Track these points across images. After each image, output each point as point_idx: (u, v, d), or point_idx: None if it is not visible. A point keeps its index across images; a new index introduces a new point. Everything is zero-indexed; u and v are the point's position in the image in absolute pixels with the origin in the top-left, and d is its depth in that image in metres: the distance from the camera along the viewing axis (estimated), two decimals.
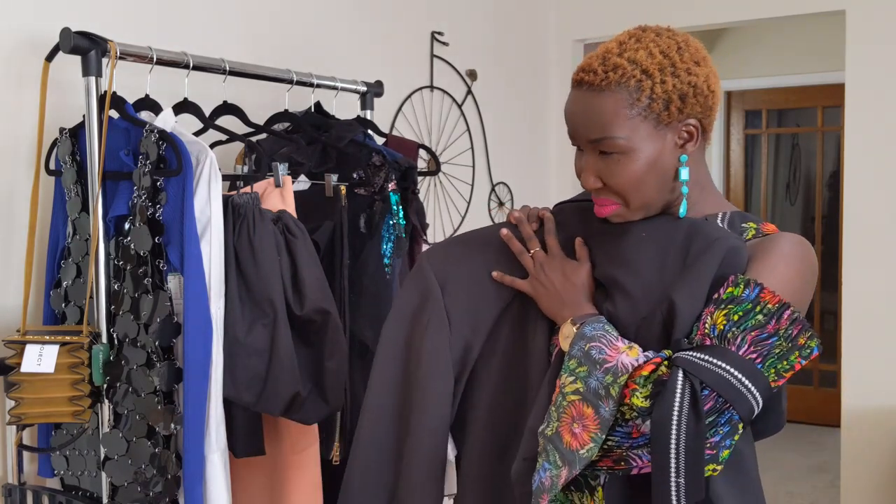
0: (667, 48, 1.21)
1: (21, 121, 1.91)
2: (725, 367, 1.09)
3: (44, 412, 1.70)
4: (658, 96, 1.18)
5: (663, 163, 1.21)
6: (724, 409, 1.08)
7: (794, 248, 1.19)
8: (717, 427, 1.08)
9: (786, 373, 1.11)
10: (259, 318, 1.77)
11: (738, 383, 1.08)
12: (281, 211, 1.87)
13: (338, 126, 2.24)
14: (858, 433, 3.28)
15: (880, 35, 3.19)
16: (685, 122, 1.20)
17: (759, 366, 1.09)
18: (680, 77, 1.19)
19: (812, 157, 5.70)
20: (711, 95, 1.22)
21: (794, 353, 1.11)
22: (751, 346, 1.10)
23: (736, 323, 1.11)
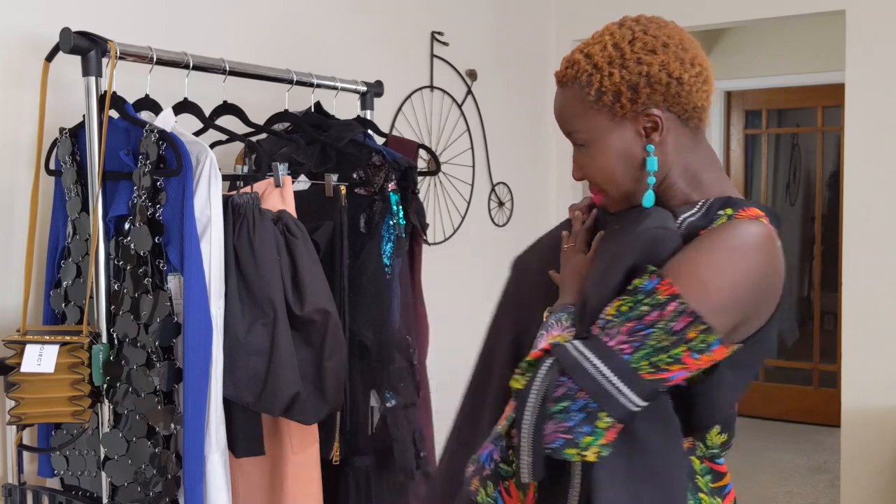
0: (620, 39, 1.21)
1: (21, 121, 1.91)
2: (589, 357, 1.08)
3: (44, 412, 1.70)
4: (607, 89, 1.19)
5: (629, 153, 1.21)
6: (577, 396, 1.07)
7: (730, 239, 1.12)
8: (570, 413, 1.07)
9: (668, 366, 1.08)
10: (259, 317, 1.77)
11: (595, 372, 1.07)
12: (281, 211, 1.87)
13: (337, 126, 2.24)
14: (858, 433, 3.28)
15: (880, 35, 3.19)
16: (646, 113, 1.20)
17: (626, 356, 1.08)
18: (629, 68, 1.19)
19: (812, 157, 5.70)
20: (674, 83, 1.18)
21: (679, 346, 1.08)
22: (623, 336, 1.08)
23: (622, 313, 1.10)
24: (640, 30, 1.21)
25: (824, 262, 5.58)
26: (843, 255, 3.31)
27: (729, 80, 5.59)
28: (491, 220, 3.56)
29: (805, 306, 5.86)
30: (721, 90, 5.64)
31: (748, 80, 5.55)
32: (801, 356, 5.75)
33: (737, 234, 1.12)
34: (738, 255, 1.12)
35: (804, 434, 5.40)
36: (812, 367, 5.64)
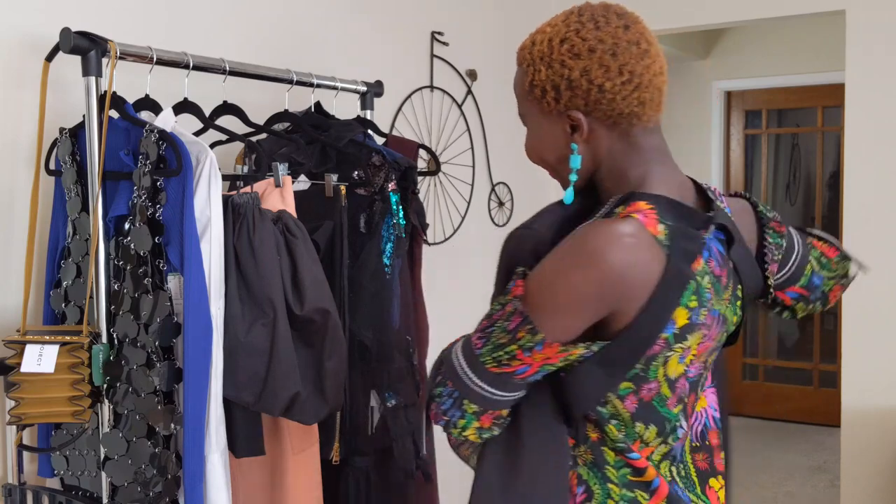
0: (554, 36, 1.22)
1: (21, 121, 1.91)
2: (456, 350, 1.21)
3: (44, 412, 1.70)
4: (536, 84, 1.23)
5: (557, 146, 1.25)
6: (447, 384, 1.20)
7: (577, 242, 1.14)
8: (444, 398, 1.20)
9: (508, 361, 1.15)
10: (259, 317, 1.77)
11: (457, 364, 1.19)
12: (281, 211, 1.87)
13: (337, 126, 2.24)
14: (858, 433, 3.28)
15: (880, 35, 3.19)
16: (567, 114, 1.22)
17: (477, 351, 1.17)
18: (553, 69, 1.20)
19: (812, 157, 5.70)
20: (595, 89, 1.18)
21: (512, 344, 1.14)
22: (478, 332, 1.19)
23: (488, 311, 1.20)
24: (574, 30, 1.20)
25: None
26: None
27: (729, 80, 5.60)
28: (491, 220, 3.56)
29: None
30: (721, 90, 5.65)
31: (748, 80, 5.56)
32: (801, 356, 5.76)
33: (585, 237, 1.13)
34: (579, 258, 1.12)
35: (804, 434, 5.41)
36: (812, 367, 5.64)
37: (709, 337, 1.19)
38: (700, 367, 1.22)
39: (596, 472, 1.22)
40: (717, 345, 1.25)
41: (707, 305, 1.17)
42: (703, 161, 5.71)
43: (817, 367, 5.63)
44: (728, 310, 1.22)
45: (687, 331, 1.15)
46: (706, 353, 1.22)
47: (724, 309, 1.21)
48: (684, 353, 1.17)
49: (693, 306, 1.14)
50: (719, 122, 5.67)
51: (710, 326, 1.19)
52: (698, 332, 1.17)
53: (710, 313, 1.18)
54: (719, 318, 1.20)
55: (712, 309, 1.18)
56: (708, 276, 1.17)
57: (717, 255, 1.20)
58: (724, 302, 1.21)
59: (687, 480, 1.26)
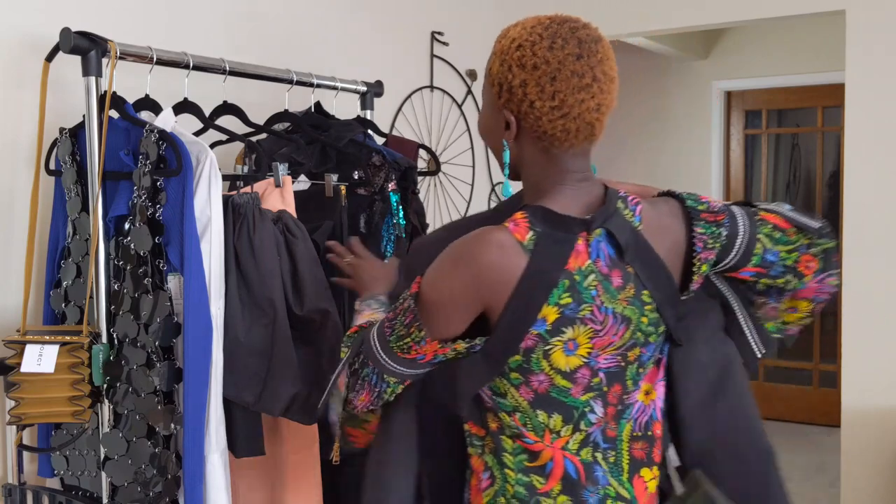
0: (517, 37, 1.29)
1: (21, 121, 1.91)
2: (372, 334, 1.33)
3: (44, 412, 1.70)
4: (490, 74, 1.32)
5: (496, 136, 1.34)
6: (368, 363, 1.33)
7: (452, 248, 1.27)
8: (370, 376, 1.33)
9: (408, 349, 1.29)
10: (259, 317, 1.77)
11: (374, 347, 1.32)
12: (281, 211, 1.87)
13: (337, 126, 2.24)
14: (858, 433, 3.28)
15: (880, 35, 3.19)
16: (504, 111, 1.30)
17: (389, 337, 1.30)
18: (503, 68, 1.28)
19: (812, 157, 5.70)
20: (526, 103, 1.26)
21: (407, 337, 1.28)
22: (387, 321, 1.32)
23: (395, 304, 1.33)
24: (531, 41, 1.27)
25: None
26: (843, 256, 3.31)
27: (729, 80, 5.59)
28: None
29: None
30: (721, 90, 5.64)
31: (748, 80, 5.55)
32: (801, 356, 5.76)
33: (458, 243, 1.27)
34: (450, 263, 1.26)
35: (804, 434, 5.40)
36: (812, 367, 5.64)
37: (606, 332, 1.26)
38: (616, 360, 1.29)
39: (496, 459, 1.32)
40: (635, 342, 1.30)
41: (593, 302, 1.24)
42: (703, 161, 5.71)
43: (817, 367, 5.63)
44: (630, 310, 1.28)
45: (561, 324, 1.23)
46: (613, 347, 1.28)
47: (623, 309, 1.27)
48: (569, 347, 1.25)
49: (566, 303, 1.23)
50: (719, 122, 5.67)
51: (603, 323, 1.25)
52: (582, 326, 1.24)
53: (600, 310, 1.25)
54: (616, 317, 1.26)
55: (602, 306, 1.25)
56: (593, 275, 1.25)
57: (606, 256, 1.27)
58: (622, 302, 1.27)
59: (615, 467, 1.32)
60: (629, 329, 1.29)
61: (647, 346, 1.33)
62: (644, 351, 1.33)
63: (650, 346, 1.33)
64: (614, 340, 1.28)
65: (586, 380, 1.28)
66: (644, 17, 3.65)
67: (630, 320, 1.29)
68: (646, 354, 1.33)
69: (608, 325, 1.27)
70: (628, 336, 1.29)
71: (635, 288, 1.29)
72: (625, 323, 1.28)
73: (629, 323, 1.29)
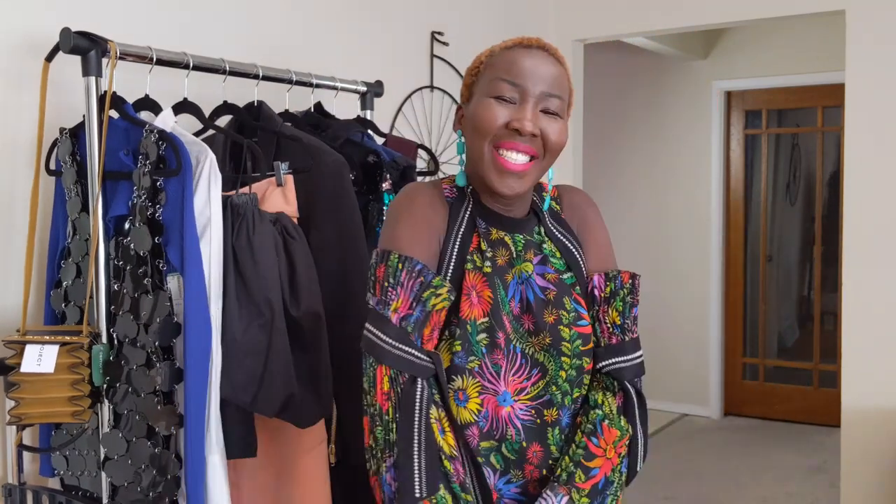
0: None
1: (21, 121, 1.91)
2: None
3: (44, 412, 1.70)
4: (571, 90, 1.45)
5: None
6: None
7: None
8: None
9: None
10: (256, 318, 1.77)
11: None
12: (279, 213, 1.87)
13: (336, 126, 2.24)
14: (858, 433, 3.28)
15: (880, 35, 3.19)
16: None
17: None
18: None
19: (812, 157, 5.70)
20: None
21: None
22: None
23: None
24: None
25: (824, 262, 5.58)
26: (843, 256, 3.31)
27: (729, 80, 5.59)
28: None
29: (805, 306, 5.86)
30: (721, 90, 5.64)
31: (748, 80, 5.56)
32: (801, 356, 5.76)
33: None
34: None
35: (804, 434, 5.40)
36: (812, 367, 5.64)
37: None
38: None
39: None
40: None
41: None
42: (703, 161, 5.71)
43: (817, 367, 5.63)
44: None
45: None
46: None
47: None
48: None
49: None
50: (719, 122, 5.67)
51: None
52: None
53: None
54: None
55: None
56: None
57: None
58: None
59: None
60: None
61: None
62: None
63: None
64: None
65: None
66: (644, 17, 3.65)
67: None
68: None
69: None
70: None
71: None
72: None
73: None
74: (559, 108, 1.38)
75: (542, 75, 1.36)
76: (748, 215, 5.78)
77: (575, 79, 3.84)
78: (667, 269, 5.79)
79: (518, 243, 1.42)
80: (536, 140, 1.35)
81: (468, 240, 1.39)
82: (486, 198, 1.42)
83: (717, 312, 5.74)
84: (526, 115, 1.34)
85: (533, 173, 1.37)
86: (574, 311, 1.39)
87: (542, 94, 1.36)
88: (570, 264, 1.44)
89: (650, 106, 5.76)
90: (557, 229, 1.47)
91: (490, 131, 1.35)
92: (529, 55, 1.38)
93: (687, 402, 5.86)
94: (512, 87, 1.36)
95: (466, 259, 1.37)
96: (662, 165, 5.81)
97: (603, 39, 3.90)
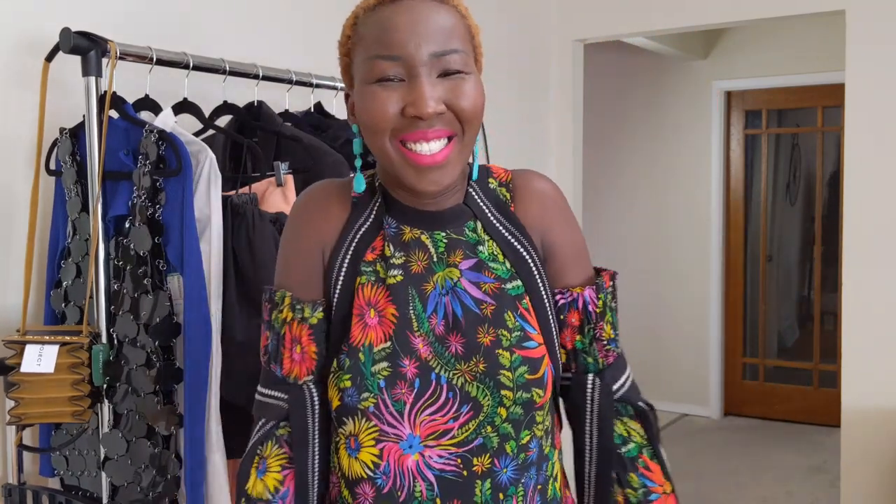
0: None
1: (21, 121, 1.91)
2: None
3: (44, 412, 1.70)
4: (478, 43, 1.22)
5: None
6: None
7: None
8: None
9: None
10: (255, 318, 1.77)
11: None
12: (279, 213, 1.87)
13: (336, 126, 2.24)
14: (858, 433, 3.28)
15: (880, 35, 3.19)
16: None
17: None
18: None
19: (812, 157, 5.70)
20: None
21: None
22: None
23: None
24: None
25: (824, 262, 5.58)
26: (843, 256, 3.31)
27: (729, 80, 5.59)
28: None
29: (805, 306, 5.86)
30: (721, 90, 5.65)
31: (748, 80, 5.56)
32: (801, 356, 5.76)
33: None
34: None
35: (804, 434, 5.40)
36: (812, 367, 5.64)
37: None
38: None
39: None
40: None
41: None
42: (703, 161, 5.71)
43: (817, 367, 5.63)
44: None
45: None
46: None
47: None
48: None
49: None
50: (719, 122, 5.67)
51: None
52: None
53: None
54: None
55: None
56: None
57: None
58: None
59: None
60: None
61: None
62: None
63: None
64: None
65: None
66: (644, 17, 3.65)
67: None
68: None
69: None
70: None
71: None
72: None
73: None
74: (462, 63, 1.07)
75: (426, 31, 1.05)
76: (748, 215, 5.78)
77: (575, 79, 3.84)
78: (667, 269, 5.79)
79: (439, 243, 1.12)
80: (445, 116, 1.06)
81: (364, 247, 1.13)
82: (399, 191, 1.14)
83: (717, 312, 5.74)
84: (420, 94, 1.03)
85: (456, 156, 1.08)
86: (519, 329, 1.09)
87: (434, 56, 1.05)
88: (519, 271, 1.13)
89: (650, 106, 5.76)
90: (503, 224, 1.15)
91: (384, 127, 1.05)
92: (400, 10, 1.07)
93: (687, 402, 5.86)
94: (391, 62, 1.05)
95: (360, 271, 1.12)
96: (662, 165, 5.81)
97: (603, 39, 3.90)
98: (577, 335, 1.16)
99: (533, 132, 3.81)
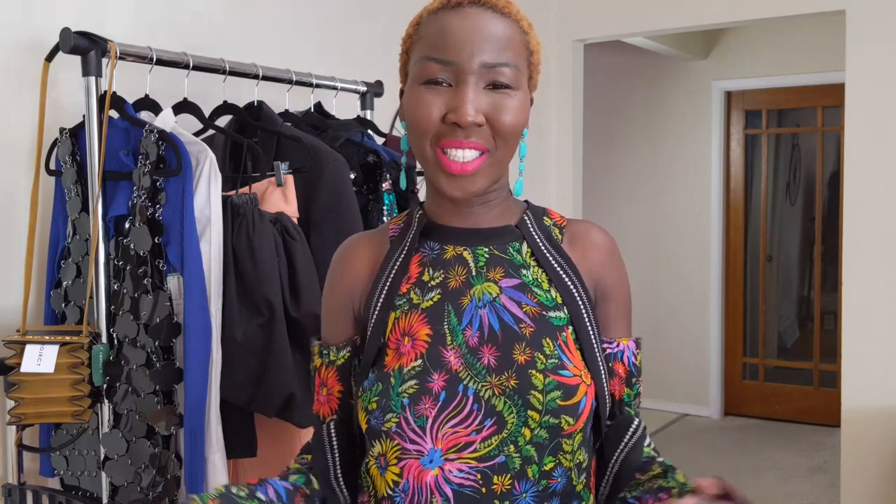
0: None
1: (21, 121, 1.91)
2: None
3: (44, 412, 1.70)
4: (536, 54, 1.24)
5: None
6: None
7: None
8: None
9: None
10: (255, 318, 1.77)
11: None
12: (279, 213, 1.87)
13: (336, 126, 2.24)
14: (858, 433, 3.28)
15: (880, 35, 3.19)
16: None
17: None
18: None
19: (812, 157, 5.70)
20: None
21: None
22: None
23: None
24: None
25: (824, 262, 5.58)
26: (843, 255, 3.31)
27: (729, 80, 5.60)
28: None
29: (805, 306, 5.86)
30: (721, 90, 5.65)
31: (748, 80, 5.56)
32: (801, 356, 5.76)
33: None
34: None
35: (804, 434, 5.41)
36: (812, 367, 5.64)
37: None
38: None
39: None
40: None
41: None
42: (703, 161, 5.71)
43: (817, 367, 5.63)
44: None
45: None
46: None
47: None
48: None
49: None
50: (719, 122, 5.67)
51: None
52: None
53: None
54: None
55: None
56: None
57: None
58: None
59: None
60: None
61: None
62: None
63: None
64: None
65: None
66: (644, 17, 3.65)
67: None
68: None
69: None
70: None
71: None
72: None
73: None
74: (512, 77, 1.07)
75: (482, 40, 1.05)
76: (748, 215, 5.78)
77: (575, 79, 3.84)
78: (667, 269, 5.79)
79: (480, 258, 1.11)
80: (483, 130, 1.05)
81: (399, 279, 1.12)
82: (440, 208, 1.15)
83: (717, 312, 5.74)
84: (463, 101, 1.03)
85: (486, 169, 1.07)
86: (556, 357, 1.06)
87: (485, 66, 1.04)
88: (566, 303, 1.10)
89: (650, 106, 5.76)
90: (553, 256, 1.13)
91: (426, 129, 1.05)
92: (460, 16, 1.07)
93: (687, 402, 5.86)
94: (442, 66, 1.05)
95: (394, 306, 1.10)
96: (662, 165, 5.81)
97: (603, 39, 3.90)
98: (624, 387, 1.14)
99: (533, 132, 3.80)
